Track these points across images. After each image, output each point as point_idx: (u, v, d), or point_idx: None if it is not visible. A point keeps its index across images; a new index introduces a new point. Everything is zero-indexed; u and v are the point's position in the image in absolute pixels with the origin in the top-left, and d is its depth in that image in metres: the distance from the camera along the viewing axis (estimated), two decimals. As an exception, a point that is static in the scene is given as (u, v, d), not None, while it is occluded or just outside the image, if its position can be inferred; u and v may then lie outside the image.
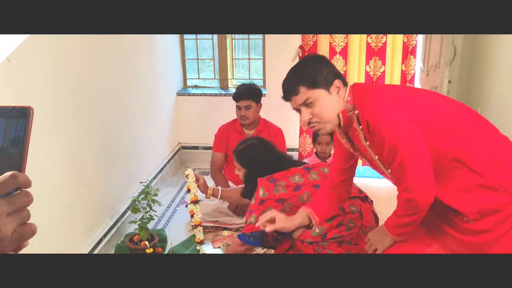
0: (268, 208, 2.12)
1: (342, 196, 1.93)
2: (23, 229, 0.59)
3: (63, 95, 2.31)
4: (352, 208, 2.18)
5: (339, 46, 3.71)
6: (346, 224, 2.13)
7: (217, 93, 4.21)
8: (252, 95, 3.14)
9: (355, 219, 2.15)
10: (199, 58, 4.35)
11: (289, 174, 2.27)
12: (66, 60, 2.33)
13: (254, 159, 2.37)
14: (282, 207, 2.14)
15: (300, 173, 2.28)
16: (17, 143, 0.61)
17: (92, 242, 2.60)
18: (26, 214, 0.60)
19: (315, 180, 2.25)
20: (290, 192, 2.18)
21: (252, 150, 2.41)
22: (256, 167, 2.32)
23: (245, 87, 3.20)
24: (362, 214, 2.18)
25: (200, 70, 4.41)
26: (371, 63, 3.72)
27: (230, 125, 3.31)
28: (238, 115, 3.20)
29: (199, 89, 4.33)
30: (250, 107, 3.14)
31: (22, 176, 0.60)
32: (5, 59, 1.87)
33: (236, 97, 3.16)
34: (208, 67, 4.63)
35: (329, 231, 2.13)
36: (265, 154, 2.39)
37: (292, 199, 2.16)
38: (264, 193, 2.17)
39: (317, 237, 2.15)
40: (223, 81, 4.31)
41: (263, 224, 1.80)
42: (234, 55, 4.32)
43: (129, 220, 2.87)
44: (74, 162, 2.44)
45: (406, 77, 3.75)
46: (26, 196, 0.60)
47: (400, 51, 3.69)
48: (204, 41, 4.35)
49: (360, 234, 2.12)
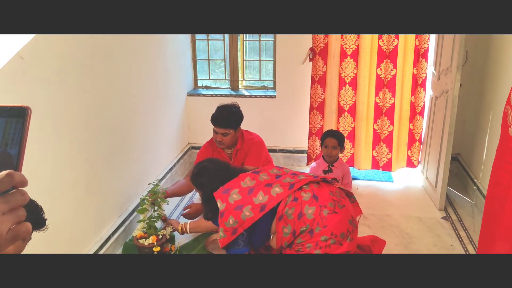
0: (230, 218, 2.17)
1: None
2: (19, 228, 0.59)
3: (74, 95, 2.34)
4: (304, 195, 2.20)
5: (350, 49, 3.70)
6: (306, 212, 2.15)
7: (228, 94, 4.22)
8: (231, 124, 2.99)
9: (311, 204, 2.17)
10: (210, 59, 4.37)
11: (240, 180, 2.30)
12: (77, 59, 2.35)
13: (206, 181, 2.41)
14: (241, 213, 2.17)
15: (250, 176, 2.31)
16: (14, 143, 0.61)
17: (100, 240, 2.63)
18: (21, 213, 0.59)
19: (266, 180, 2.28)
20: (245, 197, 2.21)
21: (203, 173, 2.45)
22: (208, 188, 2.36)
23: (225, 113, 3.01)
24: (316, 196, 2.19)
25: (211, 71, 4.43)
26: (382, 66, 3.70)
27: (212, 145, 3.19)
28: (215, 138, 3.07)
29: (210, 90, 4.35)
30: (227, 135, 3.00)
31: (18, 175, 0.59)
32: (18, 56, 1.89)
33: (214, 122, 3.02)
34: (219, 68, 4.65)
35: (294, 226, 2.16)
36: (216, 175, 2.41)
37: (249, 202, 2.19)
38: (221, 205, 2.21)
39: (289, 236, 2.18)
40: (233, 82, 4.32)
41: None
42: (245, 56, 4.32)
43: (137, 219, 2.89)
44: (84, 161, 2.47)
45: (418, 80, 3.73)
46: (22, 195, 0.59)
47: (412, 54, 3.66)
48: (216, 42, 4.36)
49: (323, 215, 2.13)
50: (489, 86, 3.34)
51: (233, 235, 2.17)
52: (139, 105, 3.16)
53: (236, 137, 3.09)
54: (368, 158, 3.97)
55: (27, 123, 0.62)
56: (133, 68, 3.04)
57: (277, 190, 2.20)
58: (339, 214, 2.16)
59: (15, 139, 0.61)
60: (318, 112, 3.90)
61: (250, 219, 2.16)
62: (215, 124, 3.01)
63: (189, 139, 4.38)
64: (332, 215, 2.14)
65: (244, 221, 2.15)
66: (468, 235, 3.00)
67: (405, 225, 3.15)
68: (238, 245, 2.22)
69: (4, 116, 0.62)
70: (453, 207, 3.40)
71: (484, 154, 3.32)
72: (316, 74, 3.80)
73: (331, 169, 3.28)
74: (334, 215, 2.14)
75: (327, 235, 2.11)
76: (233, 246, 2.22)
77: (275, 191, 2.20)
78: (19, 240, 0.60)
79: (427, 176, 3.68)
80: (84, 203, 2.50)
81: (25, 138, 0.61)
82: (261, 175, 2.32)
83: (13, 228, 0.58)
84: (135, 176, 3.14)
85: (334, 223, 2.12)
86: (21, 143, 0.61)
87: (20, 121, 0.62)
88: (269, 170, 2.37)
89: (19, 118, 0.62)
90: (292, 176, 2.30)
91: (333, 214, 2.14)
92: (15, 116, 0.62)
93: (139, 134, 3.19)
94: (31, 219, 1.56)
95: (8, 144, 0.61)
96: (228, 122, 2.98)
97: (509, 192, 1.90)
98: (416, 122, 3.85)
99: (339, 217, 2.15)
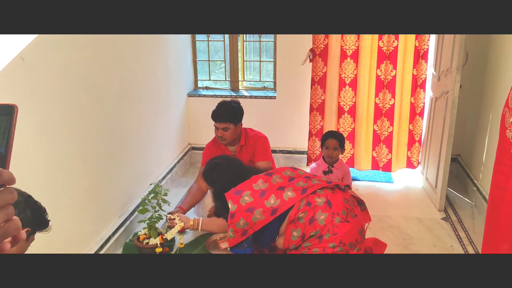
0: (240, 220, 2.17)
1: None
2: (8, 225, 0.59)
3: (75, 95, 2.34)
4: (318, 200, 2.20)
5: (350, 50, 3.70)
6: (318, 218, 2.15)
7: (228, 94, 4.22)
8: (230, 118, 2.99)
9: (324, 210, 2.17)
10: (211, 60, 4.37)
11: (252, 182, 2.30)
12: (77, 60, 2.36)
13: (217, 178, 2.41)
14: (252, 215, 2.17)
15: (263, 179, 2.31)
16: (1, 141, 0.60)
17: (101, 240, 2.63)
18: (10, 211, 0.59)
19: (278, 183, 2.28)
20: (256, 200, 2.21)
21: (215, 169, 2.46)
22: (220, 185, 2.37)
23: (225, 108, 3.03)
24: (330, 202, 2.19)
25: (211, 72, 4.43)
26: (382, 67, 3.70)
27: (216, 143, 3.20)
28: (216, 134, 3.07)
29: (210, 91, 4.35)
30: (228, 129, 3.00)
31: (6, 173, 0.58)
32: (19, 57, 1.90)
33: (214, 118, 3.02)
34: (220, 69, 4.65)
35: (304, 229, 2.16)
36: (228, 171, 2.42)
37: (260, 205, 2.19)
38: (232, 206, 2.21)
39: (297, 239, 2.18)
40: (234, 83, 4.32)
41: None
42: (246, 57, 4.33)
43: (137, 219, 2.89)
44: (85, 161, 2.47)
45: (417, 81, 3.73)
46: (10, 193, 0.59)
47: (412, 55, 3.67)
48: (216, 43, 4.37)
49: (335, 223, 2.13)
50: (489, 87, 3.35)
51: (242, 236, 2.18)
52: (140, 105, 3.17)
53: (237, 133, 3.09)
54: (368, 158, 3.98)
55: (14, 121, 0.61)
56: (134, 69, 3.05)
57: (289, 194, 2.20)
58: (350, 223, 2.16)
59: (3, 137, 0.60)
60: (318, 112, 3.90)
61: (261, 222, 2.16)
62: (215, 120, 3.03)
63: (189, 139, 4.38)
64: (344, 224, 2.14)
65: (254, 224, 2.16)
66: (468, 236, 3.00)
67: (405, 226, 3.15)
68: (242, 246, 2.23)
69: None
70: (453, 208, 3.40)
71: (484, 155, 3.32)
72: (316, 75, 3.80)
73: (331, 170, 3.28)
74: (345, 223, 2.14)
75: (336, 243, 2.11)
76: (237, 246, 2.23)
77: (287, 195, 2.20)
78: (9, 237, 0.60)
79: (427, 177, 3.68)
80: (85, 203, 2.50)
81: (12, 136, 0.61)
82: (274, 177, 2.32)
83: (3, 225, 0.58)
84: (136, 176, 3.14)
85: (344, 232, 2.12)
86: (8, 141, 0.60)
87: (7, 119, 0.61)
88: (282, 172, 2.36)
89: (6, 117, 0.61)
90: (305, 180, 2.29)
91: (344, 223, 2.14)
92: (2, 115, 0.61)
93: (140, 135, 3.19)
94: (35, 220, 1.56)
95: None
96: (228, 116, 3.00)
97: (506, 194, 1.90)
98: (416, 123, 3.85)
99: (350, 227, 2.15)
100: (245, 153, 3.14)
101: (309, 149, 4.02)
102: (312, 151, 4.02)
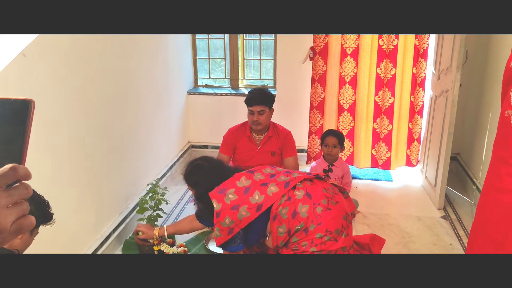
0: (226, 218, 2.16)
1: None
2: (22, 221, 0.59)
3: (75, 93, 2.34)
4: (298, 193, 2.21)
5: (350, 48, 3.70)
6: (300, 211, 2.16)
7: (228, 93, 4.23)
8: (266, 101, 3.04)
9: (305, 202, 2.18)
10: (211, 58, 4.37)
11: (235, 179, 2.29)
12: (78, 58, 2.36)
13: (200, 180, 2.37)
14: (238, 213, 2.17)
15: (246, 176, 2.31)
16: (18, 136, 0.60)
17: (101, 237, 2.63)
18: (25, 207, 0.59)
19: (261, 179, 2.28)
20: (241, 197, 2.20)
21: (197, 171, 2.41)
22: (202, 187, 2.33)
23: (258, 91, 3.09)
24: (309, 194, 2.20)
25: (211, 70, 4.43)
26: (382, 65, 3.71)
27: (240, 129, 3.22)
28: (250, 120, 3.08)
29: (210, 89, 4.36)
30: (264, 113, 3.04)
31: (22, 168, 0.58)
32: (21, 53, 1.90)
33: (249, 102, 3.05)
34: (220, 67, 4.65)
35: (289, 225, 2.17)
36: (211, 173, 2.38)
37: (245, 202, 2.19)
38: (217, 205, 2.20)
39: (284, 235, 2.19)
40: (233, 81, 4.32)
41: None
42: (246, 55, 4.33)
43: (138, 217, 2.90)
44: (85, 159, 2.48)
45: (417, 80, 3.74)
46: (26, 188, 0.59)
47: (412, 54, 3.67)
48: (216, 41, 4.37)
49: (317, 213, 2.14)
50: (489, 86, 3.35)
51: (229, 234, 2.18)
52: (140, 103, 3.17)
53: (269, 119, 3.13)
54: (368, 156, 3.98)
55: (30, 116, 0.61)
56: (134, 67, 3.05)
57: (273, 189, 2.21)
58: (332, 211, 2.16)
59: (19, 132, 0.60)
60: (318, 111, 3.91)
61: (247, 219, 2.16)
62: (251, 103, 3.05)
63: (189, 137, 4.39)
64: (326, 212, 2.15)
65: (240, 221, 2.16)
66: (467, 234, 3.01)
67: (405, 224, 3.16)
68: (235, 242, 2.22)
69: (7, 108, 0.61)
70: (452, 207, 3.41)
71: (484, 154, 3.32)
72: (316, 73, 3.81)
73: (331, 169, 3.28)
74: (327, 212, 2.15)
75: (322, 232, 2.12)
76: (229, 244, 2.23)
77: (271, 190, 2.20)
78: (25, 233, 0.61)
79: (426, 176, 3.69)
80: (85, 200, 2.51)
81: (29, 131, 0.61)
82: (256, 174, 2.32)
83: (17, 221, 0.58)
84: (136, 174, 3.14)
85: (328, 220, 2.13)
86: (24, 136, 0.60)
87: (23, 114, 0.61)
88: (263, 170, 2.37)
89: (22, 111, 0.61)
90: (286, 175, 2.30)
91: (326, 211, 2.15)
92: (18, 109, 0.61)
93: (140, 132, 3.19)
94: (39, 214, 1.57)
95: (11, 137, 0.60)
96: (264, 98, 3.05)
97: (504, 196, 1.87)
98: (415, 121, 3.86)
99: (333, 214, 2.15)
100: (270, 145, 3.16)
101: (309, 147, 4.03)
102: (311, 149, 4.02)
